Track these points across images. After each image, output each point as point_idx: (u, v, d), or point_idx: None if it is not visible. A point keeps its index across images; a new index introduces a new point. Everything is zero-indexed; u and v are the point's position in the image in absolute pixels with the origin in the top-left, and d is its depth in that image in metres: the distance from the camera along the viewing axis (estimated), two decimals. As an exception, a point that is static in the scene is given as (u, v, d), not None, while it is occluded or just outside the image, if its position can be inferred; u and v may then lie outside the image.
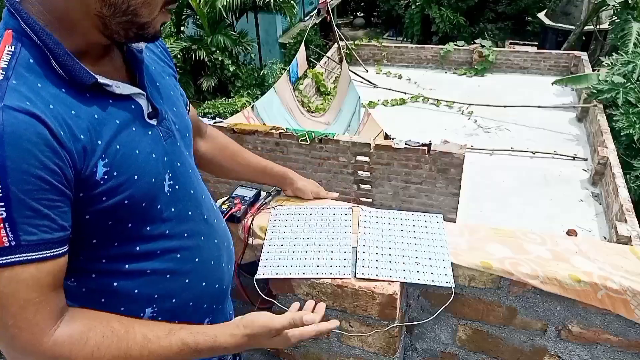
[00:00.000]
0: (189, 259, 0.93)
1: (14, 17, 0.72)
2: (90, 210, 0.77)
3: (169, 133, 0.90)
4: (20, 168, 0.66)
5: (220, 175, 1.37)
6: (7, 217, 0.66)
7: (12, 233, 0.66)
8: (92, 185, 0.75)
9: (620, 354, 1.19)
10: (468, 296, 1.25)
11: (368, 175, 6.23)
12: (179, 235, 0.91)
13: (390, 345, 1.28)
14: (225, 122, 6.73)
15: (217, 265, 1.00)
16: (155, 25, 0.78)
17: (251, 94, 11.89)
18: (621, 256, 1.20)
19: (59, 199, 0.71)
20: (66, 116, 0.72)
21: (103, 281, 0.84)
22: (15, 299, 0.68)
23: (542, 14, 15.34)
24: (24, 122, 0.66)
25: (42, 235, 0.69)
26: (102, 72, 0.79)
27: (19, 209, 0.66)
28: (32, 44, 0.72)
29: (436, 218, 1.37)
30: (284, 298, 1.32)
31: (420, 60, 11.70)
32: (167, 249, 0.89)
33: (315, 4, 16.03)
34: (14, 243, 0.67)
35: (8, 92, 0.67)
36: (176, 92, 1.00)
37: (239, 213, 1.36)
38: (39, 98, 0.70)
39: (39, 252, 0.69)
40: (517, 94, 9.81)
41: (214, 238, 1.00)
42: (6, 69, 0.69)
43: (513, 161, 8.07)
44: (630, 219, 5.83)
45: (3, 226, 0.66)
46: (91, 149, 0.74)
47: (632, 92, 7.63)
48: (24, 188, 0.66)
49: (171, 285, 0.90)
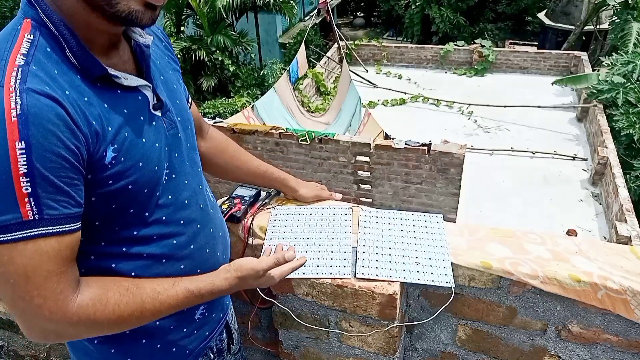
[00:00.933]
0: (185, 245, 0.96)
1: (33, 7, 0.76)
2: (97, 192, 0.80)
3: (172, 124, 0.94)
4: (43, 146, 0.69)
5: (219, 176, 1.37)
6: (32, 192, 0.69)
7: (36, 207, 0.70)
8: (100, 168, 0.79)
9: (620, 354, 1.19)
10: (468, 296, 1.25)
11: (368, 175, 6.23)
12: (175, 222, 0.94)
13: (390, 345, 1.28)
14: (225, 122, 6.73)
15: (212, 253, 1.03)
16: (127, 2, 0.76)
17: (251, 94, 11.89)
18: (621, 256, 1.20)
19: (76, 177, 0.75)
20: (80, 102, 0.76)
21: (101, 263, 0.88)
22: (40, 270, 0.73)
23: (542, 14, 15.35)
24: (46, 105, 0.70)
25: (62, 210, 0.73)
26: (112, 64, 0.83)
27: (43, 184, 0.70)
28: (49, 34, 0.76)
29: (436, 218, 1.37)
30: (284, 298, 1.32)
31: (420, 60, 11.70)
32: (164, 235, 0.93)
33: (315, 4, 16.04)
34: (37, 217, 0.71)
35: (30, 76, 0.71)
36: (179, 87, 1.04)
37: (239, 213, 1.36)
38: (56, 83, 0.74)
39: (60, 225, 0.74)
40: (517, 94, 9.81)
41: (209, 227, 1.03)
42: (26, 55, 0.73)
43: (513, 161, 8.07)
44: (630, 219, 5.83)
45: (28, 201, 0.69)
46: (102, 134, 0.78)
47: (632, 92, 7.63)
48: (47, 165, 0.70)
49: (167, 270, 0.94)
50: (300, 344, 1.41)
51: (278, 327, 1.40)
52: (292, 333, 1.39)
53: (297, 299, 1.30)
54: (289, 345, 1.43)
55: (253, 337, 1.59)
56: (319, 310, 1.30)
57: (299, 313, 1.32)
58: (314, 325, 1.33)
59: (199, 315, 1.05)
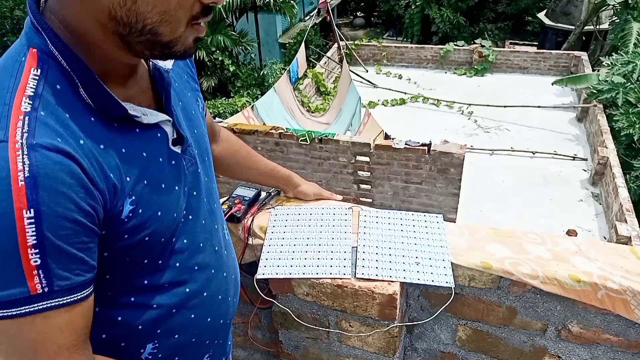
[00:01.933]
0: (197, 293, 0.89)
1: (40, 34, 0.66)
2: (111, 248, 0.73)
3: (192, 160, 0.86)
4: (55, 212, 0.61)
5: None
6: (41, 264, 0.62)
7: (45, 280, 0.63)
8: (117, 223, 0.71)
9: (620, 354, 1.19)
10: (468, 296, 1.25)
11: (368, 175, 6.23)
12: (189, 268, 0.87)
13: (390, 345, 1.28)
14: (225, 122, 6.73)
15: (223, 300, 0.96)
16: (184, 42, 0.71)
17: (251, 94, 11.89)
18: (621, 256, 1.20)
19: (90, 240, 0.68)
20: (96, 152, 0.67)
21: (106, 314, 0.80)
22: (49, 345, 0.66)
23: (542, 14, 15.35)
24: (58, 163, 0.61)
25: (75, 278, 0.66)
26: (129, 96, 0.74)
27: (54, 254, 0.63)
28: (59, 68, 0.66)
29: (436, 218, 1.37)
30: (284, 298, 1.32)
31: (420, 60, 11.70)
32: (176, 282, 0.86)
33: (315, 4, 16.04)
34: (47, 289, 0.63)
35: (38, 126, 0.61)
36: (197, 111, 0.94)
37: (239, 213, 1.36)
38: (69, 132, 0.64)
39: (72, 295, 0.66)
40: (517, 94, 9.82)
41: (223, 271, 0.96)
42: (33, 97, 0.63)
43: (513, 161, 8.08)
44: (630, 219, 5.83)
45: (37, 273, 0.62)
46: (120, 188, 0.70)
47: (632, 92, 7.63)
48: (60, 233, 0.62)
49: (176, 320, 0.87)
50: (300, 344, 1.41)
51: (278, 327, 1.40)
52: (292, 333, 1.39)
53: (297, 299, 1.30)
54: (289, 345, 1.43)
55: (253, 337, 1.59)
56: (319, 310, 1.30)
57: (299, 313, 1.32)
58: (314, 325, 1.33)
59: None
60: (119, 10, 0.64)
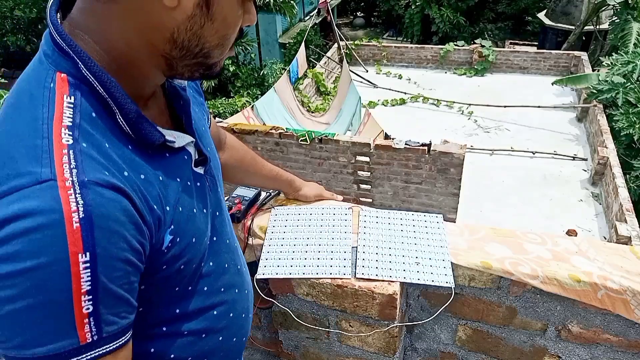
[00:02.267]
0: (224, 315, 0.88)
1: (68, 57, 0.60)
2: (148, 281, 0.69)
3: (213, 180, 0.84)
4: (110, 254, 0.57)
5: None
6: (93, 311, 0.57)
7: (95, 328, 0.58)
8: (158, 255, 0.68)
9: (620, 354, 1.19)
10: (468, 296, 1.25)
11: (368, 175, 6.23)
12: (216, 290, 0.85)
13: (390, 345, 1.28)
14: (225, 122, 6.73)
15: (246, 317, 0.95)
16: (221, 64, 0.70)
17: (251, 94, 11.89)
18: (621, 256, 1.20)
19: (137, 279, 0.64)
20: (139, 183, 0.63)
21: (139, 346, 0.76)
22: None
23: (542, 14, 15.34)
24: (111, 200, 0.57)
25: (121, 322, 0.62)
26: (151, 116, 0.69)
27: (106, 300, 0.58)
28: (93, 94, 0.61)
29: (436, 218, 1.37)
30: (284, 298, 1.32)
31: (420, 60, 11.70)
32: (205, 307, 0.84)
33: (315, 4, 16.03)
34: (96, 337, 0.58)
35: (85, 161, 0.56)
36: (206, 126, 0.90)
37: (239, 213, 1.36)
38: (113, 164, 0.60)
39: (118, 340, 0.62)
40: (517, 94, 9.82)
41: (245, 289, 0.95)
42: (72, 127, 0.57)
43: (513, 161, 8.08)
44: (630, 219, 5.83)
45: (88, 321, 0.57)
46: (163, 219, 0.67)
47: (632, 92, 7.63)
48: (113, 275, 0.58)
49: (206, 345, 0.85)
50: (300, 344, 1.41)
51: (278, 327, 1.40)
52: (292, 333, 1.39)
53: (297, 299, 1.30)
54: (289, 345, 1.43)
55: (253, 337, 1.59)
56: (319, 310, 1.30)
57: (299, 313, 1.32)
58: (314, 325, 1.33)
59: None
60: (183, 34, 0.61)
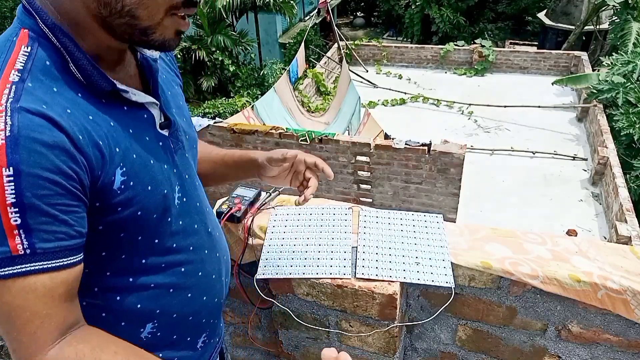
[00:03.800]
0: (193, 273, 0.92)
1: (31, 15, 0.70)
2: (105, 220, 0.75)
3: (179, 144, 0.89)
4: (34, 172, 0.62)
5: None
6: (21, 223, 0.62)
7: (27, 240, 0.63)
8: (109, 194, 0.73)
9: (620, 354, 1.19)
10: (468, 296, 1.25)
11: (368, 175, 6.23)
12: (185, 248, 0.90)
13: (390, 345, 1.28)
14: (225, 122, 6.73)
15: (217, 279, 0.99)
16: (163, 31, 0.73)
17: (251, 94, 11.89)
18: (621, 256, 1.20)
19: (75, 203, 0.68)
20: (84, 121, 0.70)
21: (106, 295, 0.82)
22: (23, 311, 0.65)
23: (542, 14, 15.33)
24: (40, 125, 0.63)
25: (58, 242, 0.66)
26: (118, 78, 0.77)
27: (34, 215, 0.63)
28: (50, 45, 0.70)
29: (436, 218, 1.37)
30: (283, 298, 1.32)
31: (420, 60, 11.70)
32: (173, 263, 0.88)
33: (315, 4, 16.03)
34: (29, 251, 0.63)
35: (24, 94, 0.64)
36: (184, 103, 0.99)
37: (239, 213, 1.36)
38: (56, 102, 0.67)
39: (55, 260, 0.66)
40: (517, 94, 9.82)
41: (216, 251, 0.99)
42: (22, 70, 0.66)
43: (513, 161, 8.08)
44: (630, 219, 5.83)
45: (18, 233, 0.62)
46: (109, 156, 0.72)
47: (632, 92, 7.63)
48: (39, 193, 0.63)
49: (173, 300, 0.89)
50: (300, 344, 1.41)
51: (278, 327, 1.40)
52: (292, 333, 1.39)
53: (297, 299, 1.30)
54: (289, 345, 1.43)
55: (253, 337, 1.59)
56: (319, 310, 1.30)
57: (299, 313, 1.32)
58: (314, 325, 1.33)
59: (201, 344, 1.01)
60: None
